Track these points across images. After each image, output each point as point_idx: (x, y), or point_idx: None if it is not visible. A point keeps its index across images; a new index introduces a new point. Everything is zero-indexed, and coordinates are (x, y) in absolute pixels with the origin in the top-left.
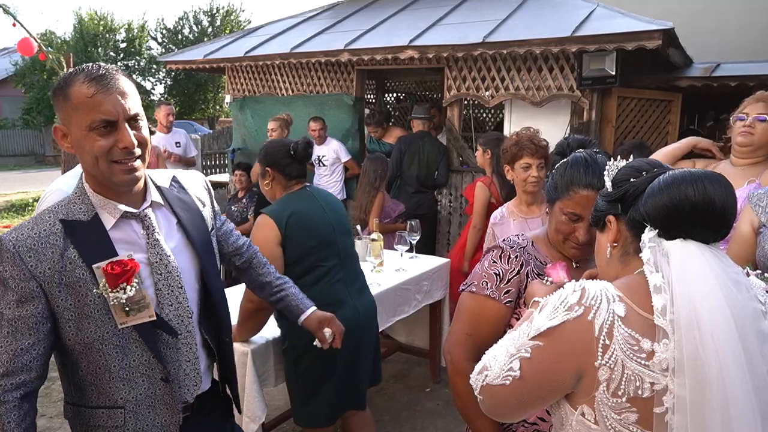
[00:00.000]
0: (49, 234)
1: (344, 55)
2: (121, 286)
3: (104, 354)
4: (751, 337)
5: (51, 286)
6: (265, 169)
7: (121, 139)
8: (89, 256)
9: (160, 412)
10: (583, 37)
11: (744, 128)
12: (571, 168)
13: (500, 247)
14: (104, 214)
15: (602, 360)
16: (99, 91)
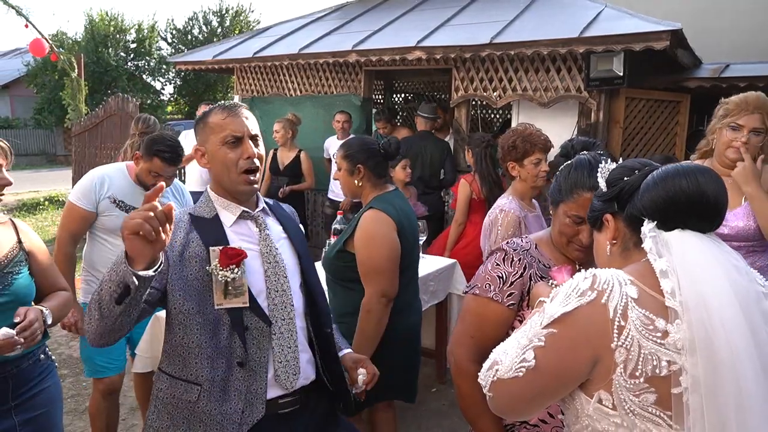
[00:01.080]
0: (181, 218)
1: (352, 56)
2: (230, 267)
3: (199, 328)
4: (757, 318)
5: (174, 257)
6: (357, 167)
7: (245, 151)
8: (208, 240)
9: (228, 398)
10: (590, 38)
11: (739, 144)
12: (576, 170)
13: (503, 250)
14: (225, 213)
15: (618, 341)
16: (229, 115)
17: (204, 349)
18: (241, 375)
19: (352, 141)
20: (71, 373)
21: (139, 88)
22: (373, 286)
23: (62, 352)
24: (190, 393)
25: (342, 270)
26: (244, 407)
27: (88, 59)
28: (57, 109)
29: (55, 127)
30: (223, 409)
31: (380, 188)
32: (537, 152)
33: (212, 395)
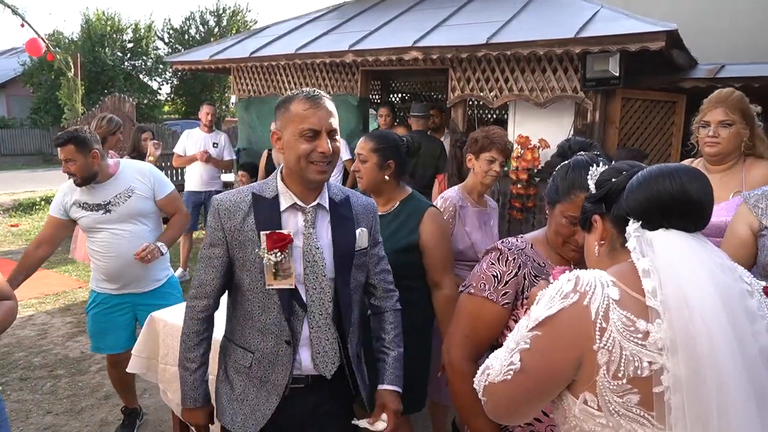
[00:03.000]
0: (241, 201)
1: (349, 56)
2: (274, 251)
3: (252, 304)
4: (740, 316)
5: (231, 239)
6: (387, 162)
7: (320, 145)
8: (262, 224)
9: (277, 369)
10: (586, 38)
11: (709, 138)
12: (573, 171)
13: (498, 249)
14: (282, 198)
15: (600, 343)
16: (311, 107)
17: (255, 322)
18: (288, 351)
19: (382, 135)
20: (67, 373)
21: (135, 88)
22: (450, 277)
23: (58, 353)
24: (245, 359)
25: (408, 264)
26: (289, 380)
27: (85, 59)
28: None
29: (52, 126)
30: (272, 377)
31: (401, 187)
32: (494, 151)
33: (262, 364)
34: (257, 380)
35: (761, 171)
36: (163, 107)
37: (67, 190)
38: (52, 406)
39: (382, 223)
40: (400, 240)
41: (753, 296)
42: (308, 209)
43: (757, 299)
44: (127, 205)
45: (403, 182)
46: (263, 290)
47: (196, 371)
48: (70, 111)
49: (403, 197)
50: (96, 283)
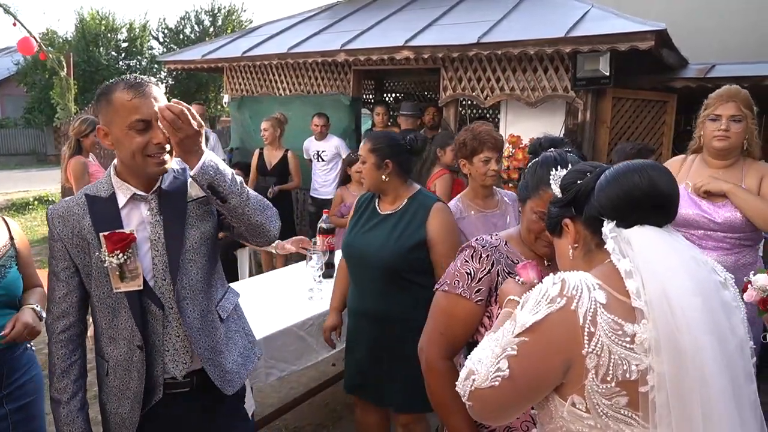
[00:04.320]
0: (74, 206)
1: (340, 56)
2: (116, 252)
3: (101, 312)
4: (717, 309)
5: (71, 247)
6: (384, 162)
7: (155, 137)
8: (99, 225)
9: (133, 377)
10: (576, 37)
11: (720, 132)
12: (541, 167)
13: (472, 247)
14: (119, 194)
15: (589, 347)
16: (136, 96)
17: (105, 330)
18: (141, 357)
19: (379, 135)
20: None
21: None
22: None
23: None
24: (102, 368)
25: (417, 262)
26: (147, 387)
27: (79, 58)
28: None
29: (46, 126)
30: (128, 386)
31: (408, 184)
32: (486, 150)
33: (117, 372)
34: (117, 390)
35: (758, 172)
36: None
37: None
38: (45, 407)
39: (391, 221)
40: (409, 238)
41: (727, 288)
42: (150, 197)
43: (731, 291)
44: None
45: (411, 180)
46: (111, 295)
47: (69, 402)
48: (62, 110)
49: (410, 195)
50: None
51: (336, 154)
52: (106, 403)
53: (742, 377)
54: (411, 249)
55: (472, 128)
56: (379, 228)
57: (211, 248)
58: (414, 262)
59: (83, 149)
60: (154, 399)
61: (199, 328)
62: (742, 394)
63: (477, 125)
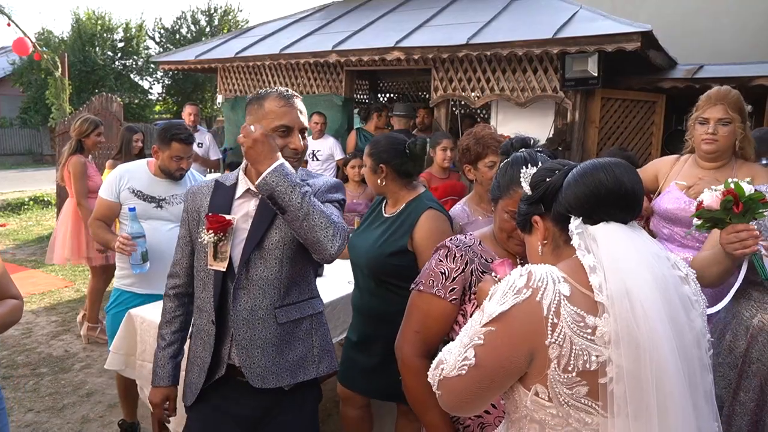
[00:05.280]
0: (205, 187)
1: (332, 56)
2: (210, 232)
3: (196, 282)
4: (676, 304)
5: (191, 220)
6: (379, 166)
7: (292, 142)
8: (213, 208)
9: (205, 346)
10: (563, 38)
11: (708, 135)
12: (512, 167)
13: (446, 246)
14: (240, 186)
15: (552, 338)
16: (286, 105)
17: (196, 300)
18: (212, 331)
19: (379, 139)
20: (50, 371)
21: (126, 88)
22: None
23: (42, 351)
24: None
25: (400, 269)
26: (213, 361)
27: (75, 58)
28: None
29: (41, 126)
30: (199, 354)
31: (409, 188)
32: (491, 155)
33: (195, 340)
34: (193, 354)
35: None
36: (155, 107)
37: (125, 175)
38: (34, 404)
39: (386, 224)
40: (391, 244)
41: (688, 283)
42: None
43: (692, 286)
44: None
45: (416, 183)
46: (204, 269)
47: (165, 348)
48: (57, 110)
49: (410, 199)
50: (121, 280)
51: (330, 155)
52: (187, 364)
53: (698, 369)
54: (391, 255)
55: (475, 133)
56: (378, 229)
57: (288, 254)
58: (394, 269)
59: (85, 149)
60: (217, 373)
61: (244, 318)
62: (697, 384)
63: (479, 129)
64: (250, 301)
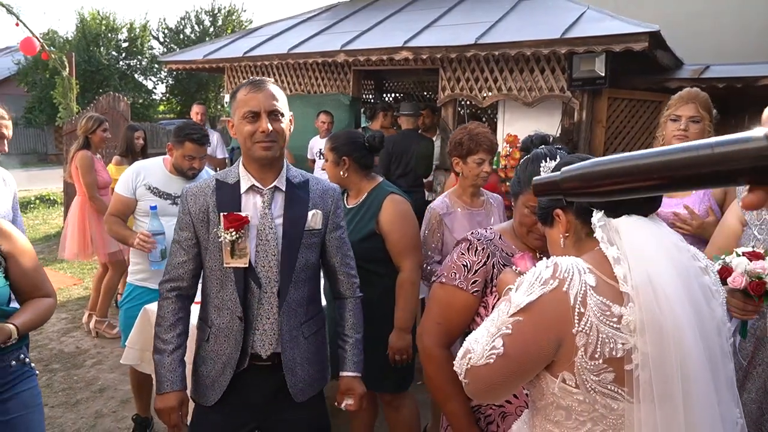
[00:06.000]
0: (205, 187)
1: (340, 56)
2: (230, 230)
3: (211, 282)
4: (697, 293)
5: (197, 221)
6: (342, 159)
7: (260, 125)
8: (222, 206)
9: (231, 344)
10: (571, 39)
11: (679, 132)
12: (533, 163)
13: (468, 240)
14: (243, 182)
15: (579, 327)
16: (251, 91)
17: (213, 299)
18: (240, 327)
19: (339, 134)
20: (63, 367)
21: (130, 87)
22: (411, 260)
23: (53, 347)
24: (204, 332)
25: (371, 252)
26: (239, 355)
27: (80, 58)
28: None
29: (46, 126)
30: (224, 351)
31: (369, 179)
32: (481, 152)
33: (218, 338)
34: (214, 353)
35: None
36: (159, 107)
37: (141, 171)
38: (48, 399)
39: (352, 214)
40: (361, 230)
41: (707, 274)
42: (266, 191)
43: (711, 277)
44: None
45: (374, 174)
46: (221, 268)
47: (173, 353)
48: (65, 110)
49: (371, 188)
50: (135, 276)
51: None
52: (200, 366)
53: (719, 356)
54: (362, 240)
55: (469, 129)
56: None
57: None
58: (366, 252)
59: (92, 146)
60: (241, 367)
61: (292, 310)
62: (719, 371)
63: (473, 126)
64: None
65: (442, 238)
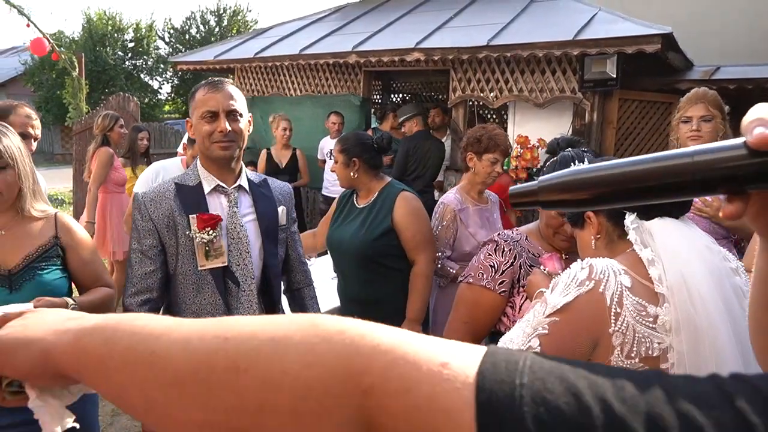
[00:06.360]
0: (165, 191)
1: (352, 57)
2: (206, 230)
3: (185, 288)
4: (729, 293)
5: (161, 227)
6: (352, 160)
7: (218, 125)
8: (189, 208)
9: None
10: (584, 40)
11: (692, 132)
12: (560, 166)
13: (495, 241)
14: (205, 183)
15: (615, 326)
16: (209, 92)
17: (189, 305)
18: None
19: (348, 136)
20: None
21: (136, 87)
22: (426, 254)
23: None
24: None
25: (387, 249)
26: None
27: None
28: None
29: (53, 126)
30: None
31: (378, 178)
32: (497, 152)
33: None
34: None
35: None
36: (164, 107)
37: (160, 171)
38: None
39: (364, 213)
40: (377, 227)
41: (738, 275)
42: (230, 190)
43: (742, 277)
44: None
45: (383, 174)
46: (195, 272)
47: None
48: (74, 110)
49: (381, 187)
50: None
51: None
52: None
53: (752, 355)
54: (379, 236)
55: (488, 128)
56: (355, 220)
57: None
58: (383, 248)
59: (111, 143)
60: None
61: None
62: (752, 370)
63: (492, 127)
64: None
65: (455, 233)
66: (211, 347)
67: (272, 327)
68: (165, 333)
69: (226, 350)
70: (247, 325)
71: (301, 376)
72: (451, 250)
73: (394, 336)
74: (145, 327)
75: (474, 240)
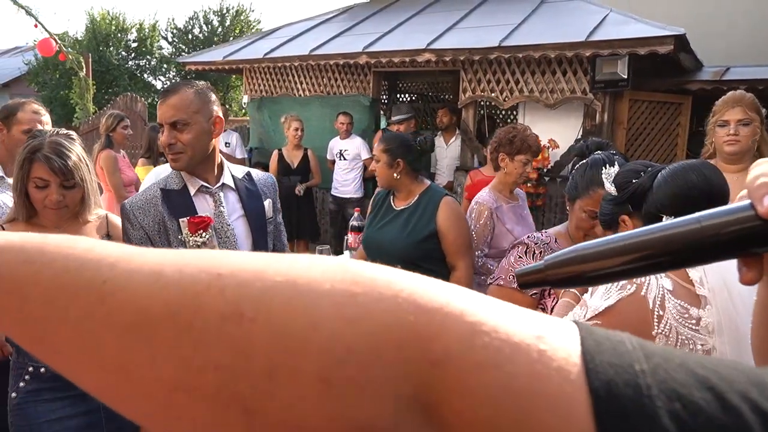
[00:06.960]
0: (152, 198)
1: (362, 58)
2: (198, 232)
3: None
4: None
5: (153, 234)
6: (396, 161)
7: (165, 137)
8: (176, 213)
9: None
10: (596, 41)
11: (729, 137)
12: (591, 169)
13: (525, 243)
14: (190, 186)
15: (658, 329)
16: (160, 103)
17: None
18: None
19: (391, 137)
20: None
21: (140, 87)
22: (466, 260)
23: None
24: None
25: (430, 252)
26: None
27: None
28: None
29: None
30: None
31: (419, 181)
32: (529, 154)
33: None
34: None
35: None
36: None
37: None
38: None
39: (404, 215)
40: (421, 230)
41: None
42: (214, 190)
43: None
44: None
45: (422, 177)
46: None
47: None
48: (81, 110)
49: (422, 190)
50: None
51: (357, 155)
52: None
53: None
54: (423, 240)
55: (521, 130)
56: (394, 222)
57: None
58: (426, 252)
59: (114, 144)
60: None
61: None
62: None
63: (522, 127)
64: None
65: (492, 231)
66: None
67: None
68: (122, 260)
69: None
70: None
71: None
72: (488, 248)
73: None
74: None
75: (511, 236)
